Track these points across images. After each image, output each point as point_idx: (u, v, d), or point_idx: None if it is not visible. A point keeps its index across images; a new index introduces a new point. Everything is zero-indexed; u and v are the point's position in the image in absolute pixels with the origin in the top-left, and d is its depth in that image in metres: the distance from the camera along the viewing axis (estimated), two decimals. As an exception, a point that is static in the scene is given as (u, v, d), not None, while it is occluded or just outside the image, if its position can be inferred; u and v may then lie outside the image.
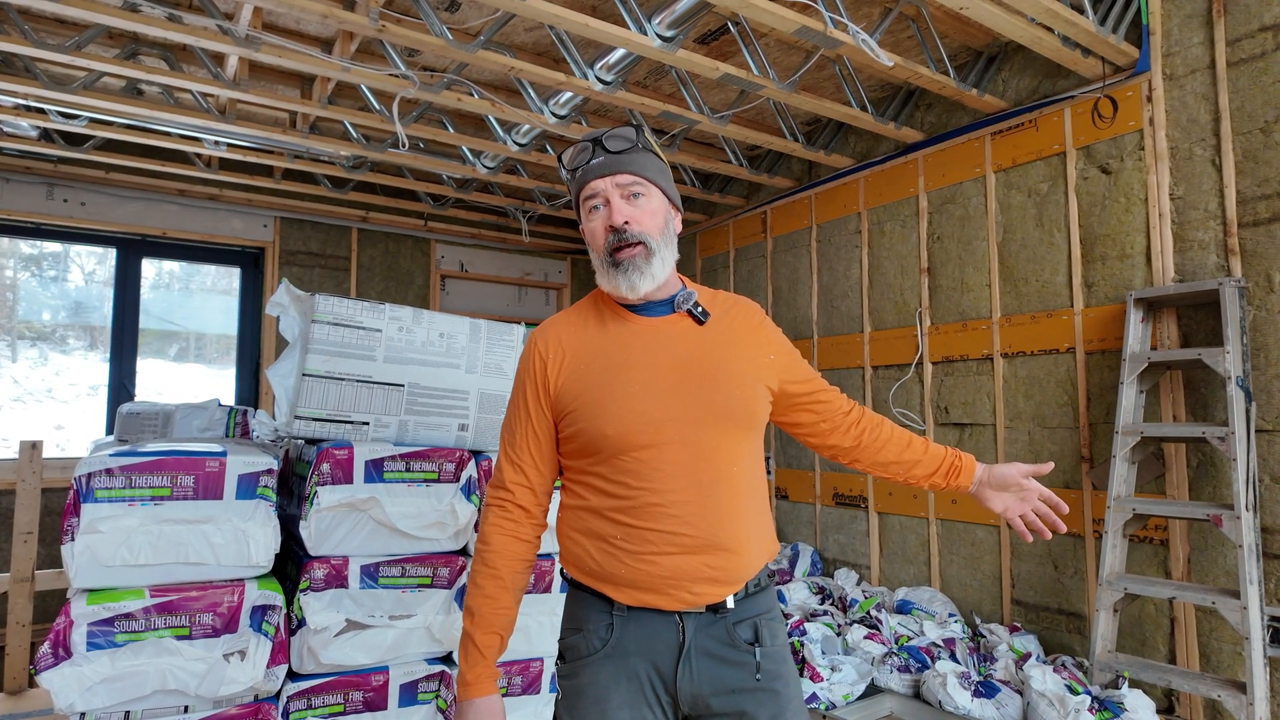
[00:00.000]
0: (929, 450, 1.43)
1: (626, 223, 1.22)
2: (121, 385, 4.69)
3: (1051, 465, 1.43)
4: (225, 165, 4.62)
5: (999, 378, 3.41)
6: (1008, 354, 3.39)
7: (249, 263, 5.14)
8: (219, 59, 3.31)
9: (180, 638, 1.62)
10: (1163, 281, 2.86)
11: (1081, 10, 2.78)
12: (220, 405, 2.64)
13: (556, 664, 1.28)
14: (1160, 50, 2.91)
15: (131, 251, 4.79)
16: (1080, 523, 3.06)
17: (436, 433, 2.06)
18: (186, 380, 5.08)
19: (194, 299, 5.26)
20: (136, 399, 4.73)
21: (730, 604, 1.22)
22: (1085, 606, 3.03)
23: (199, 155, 4.41)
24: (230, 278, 5.23)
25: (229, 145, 4.04)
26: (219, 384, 5.16)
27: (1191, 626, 2.73)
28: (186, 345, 5.19)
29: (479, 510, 2.02)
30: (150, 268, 4.98)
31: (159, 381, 4.98)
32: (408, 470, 1.93)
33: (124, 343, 4.75)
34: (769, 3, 2.59)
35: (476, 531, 1.36)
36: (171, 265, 5.13)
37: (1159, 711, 2.59)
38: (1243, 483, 2.42)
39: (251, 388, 5.05)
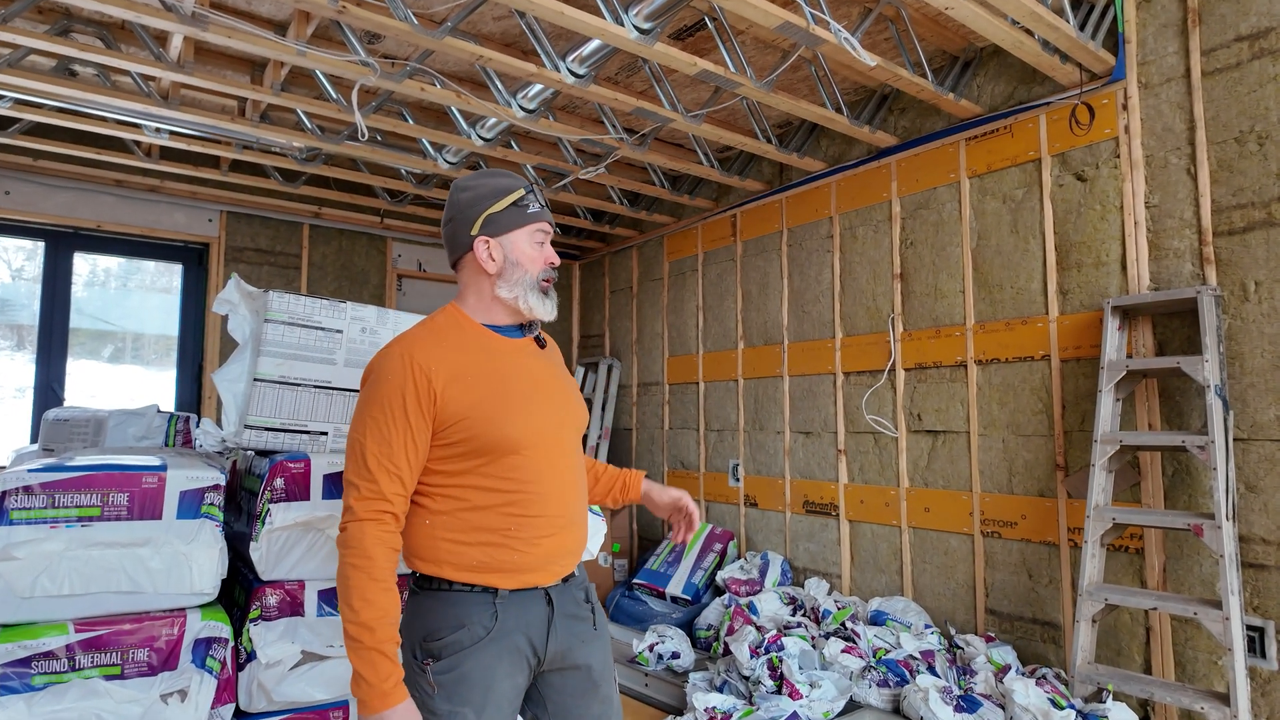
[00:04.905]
0: (605, 474, 1.76)
1: (557, 266, 1.55)
2: (49, 388, 4.37)
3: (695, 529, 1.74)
4: (167, 154, 4.34)
5: (973, 385, 3.38)
6: (982, 361, 3.36)
7: (192, 259, 4.85)
8: (162, 38, 3.08)
9: (110, 678, 1.44)
10: (1138, 289, 2.85)
11: (1062, 14, 2.76)
12: (159, 411, 2.43)
13: (425, 663, 1.37)
14: (1136, 59, 2.91)
15: (62, 245, 4.47)
16: (1056, 532, 3.04)
17: (402, 443, 1.90)
18: (122, 383, 4.77)
19: (132, 297, 4.95)
20: (66, 403, 4.41)
21: (577, 572, 1.53)
22: (1060, 616, 3.01)
23: (138, 143, 4.13)
24: (171, 275, 4.94)
25: (171, 133, 3.79)
26: (157, 387, 4.86)
27: (1167, 636, 2.72)
28: (123, 346, 4.88)
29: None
30: (85, 264, 4.67)
31: (91, 384, 4.66)
32: (371, 484, 1.77)
33: (53, 342, 4.43)
34: (752, -5, 2.50)
35: (345, 546, 1.33)
36: (109, 262, 4.82)
37: (1137, 723, 2.57)
38: (1223, 492, 2.41)
39: (193, 392, 4.77)
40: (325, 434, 1.80)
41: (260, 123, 3.65)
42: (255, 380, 1.70)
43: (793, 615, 3.54)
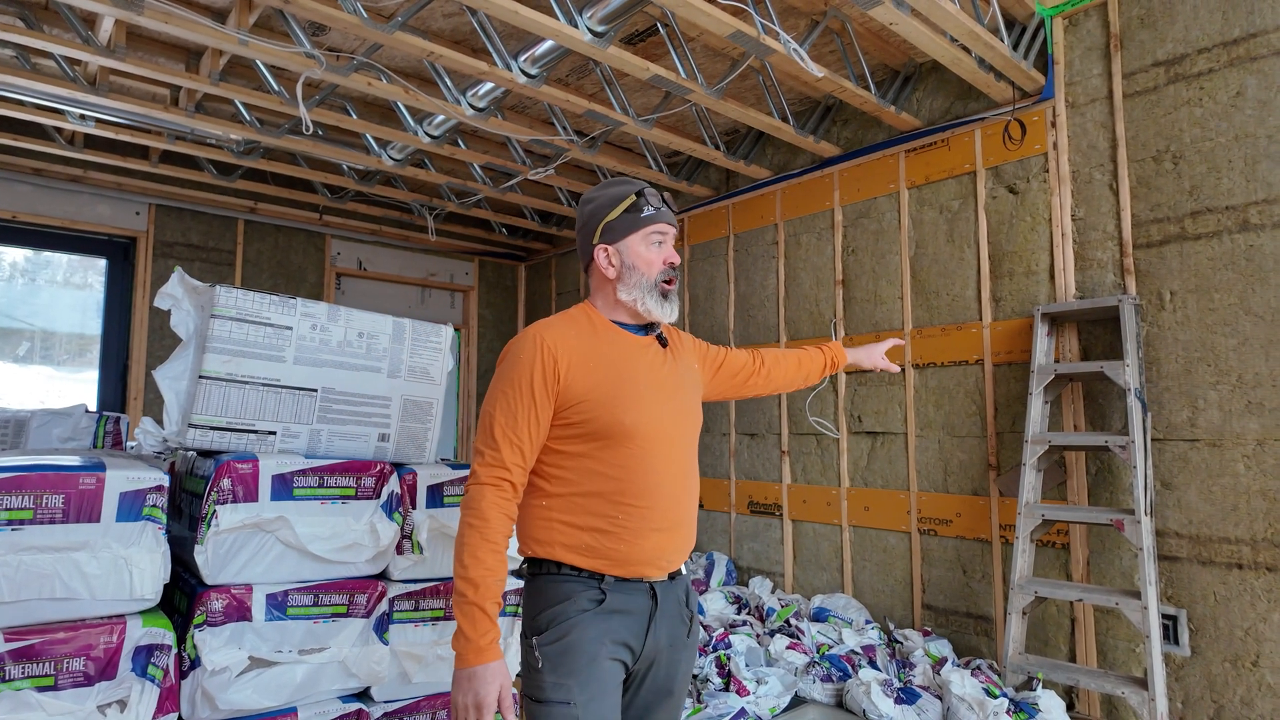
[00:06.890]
0: (813, 360, 1.99)
1: (676, 265, 1.57)
2: (-44, 388, 4.10)
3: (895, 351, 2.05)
4: (92, 143, 4.12)
5: (910, 388, 3.50)
6: (919, 365, 3.48)
7: (118, 254, 4.62)
8: (90, 20, 2.94)
9: (43, 689, 1.36)
10: (1065, 297, 3.01)
11: (997, 34, 2.90)
12: (88, 411, 2.31)
13: (533, 639, 1.40)
14: (1064, 79, 3.08)
15: (-28, 236, 4.21)
16: (988, 529, 3.17)
17: (354, 443, 1.86)
18: (32, 384, 4.51)
19: (41, 294, 4.69)
20: (-25, 404, 4.14)
21: (683, 570, 1.55)
22: (992, 609, 3.14)
23: (60, 130, 3.92)
24: (86, 271, 4.69)
25: (98, 121, 3.61)
26: (70, 388, 4.60)
27: (1090, 626, 2.87)
28: (32, 345, 4.62)
29: (402, 525, 1.84)
30: (-6, 256, 4.40)
31: (-1, 384, 4.40)
32: (321, 486, 1.73)
33: (-40, 340, 4.16)
34: (706, 3, 2.54)
35: (465, 507, 1.41)
36: (15, 256, 4.55)
37: (1063, 709, 2.70)
38: (1142, 489, 2.56)
39: (118, 393, 4.54)
40: (273, 433, 1.74)
41: (195, 113, 3.52)
42: (201, 377, 1.64)
43: (738, 614, 3.59)
